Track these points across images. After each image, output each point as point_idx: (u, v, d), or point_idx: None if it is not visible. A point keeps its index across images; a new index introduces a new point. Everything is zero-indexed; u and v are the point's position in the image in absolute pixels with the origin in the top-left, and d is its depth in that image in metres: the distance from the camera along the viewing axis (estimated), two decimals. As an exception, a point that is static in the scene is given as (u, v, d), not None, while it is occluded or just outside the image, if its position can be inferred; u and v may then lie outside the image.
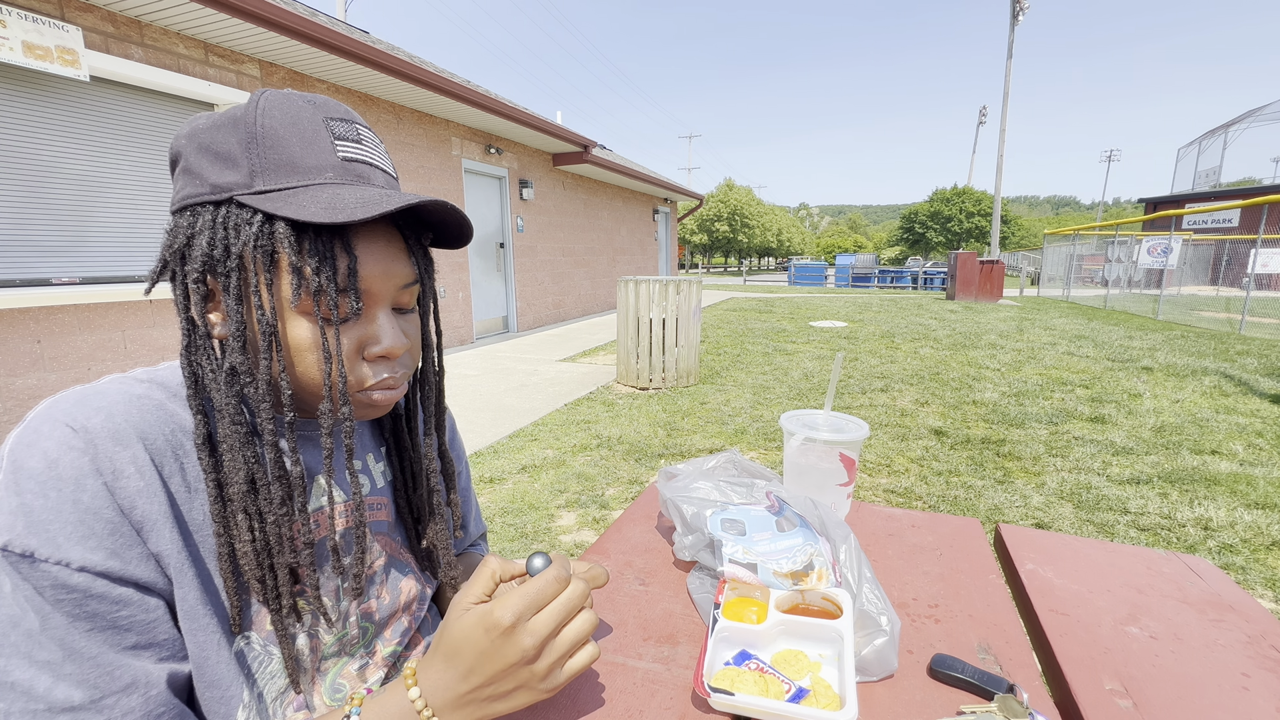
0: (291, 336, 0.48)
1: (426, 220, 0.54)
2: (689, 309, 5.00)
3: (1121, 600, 0.71)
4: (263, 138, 0.47)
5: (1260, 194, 21.18)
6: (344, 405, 0.50)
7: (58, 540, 0.39)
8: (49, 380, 3.56)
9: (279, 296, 0.47)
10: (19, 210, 3.49)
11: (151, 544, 0.44)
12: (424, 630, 0.67)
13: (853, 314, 11.09)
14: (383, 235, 0.51)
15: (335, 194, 0.46)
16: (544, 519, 2.66)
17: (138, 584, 0.43)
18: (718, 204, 50.91)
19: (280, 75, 4.92)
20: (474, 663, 0.44)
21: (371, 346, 0.51)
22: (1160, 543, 2.43)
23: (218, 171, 0.47)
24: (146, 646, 0.43)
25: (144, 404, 0.46)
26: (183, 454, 0.47)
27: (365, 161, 0.51)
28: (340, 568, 0.53)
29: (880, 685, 0.56)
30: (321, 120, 0.49)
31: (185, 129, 0.49)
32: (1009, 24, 18.69)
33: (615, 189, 11.94)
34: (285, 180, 0.47)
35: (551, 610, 0.45)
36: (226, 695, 0.48)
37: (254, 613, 0.50)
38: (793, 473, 0.90)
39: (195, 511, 0.47)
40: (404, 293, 0.53)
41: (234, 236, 0.46)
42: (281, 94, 0.49)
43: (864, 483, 3.07)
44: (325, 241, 0.46)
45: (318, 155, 0.48)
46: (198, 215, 0.47)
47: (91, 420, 0.42)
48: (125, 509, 0.42)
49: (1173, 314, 10.98)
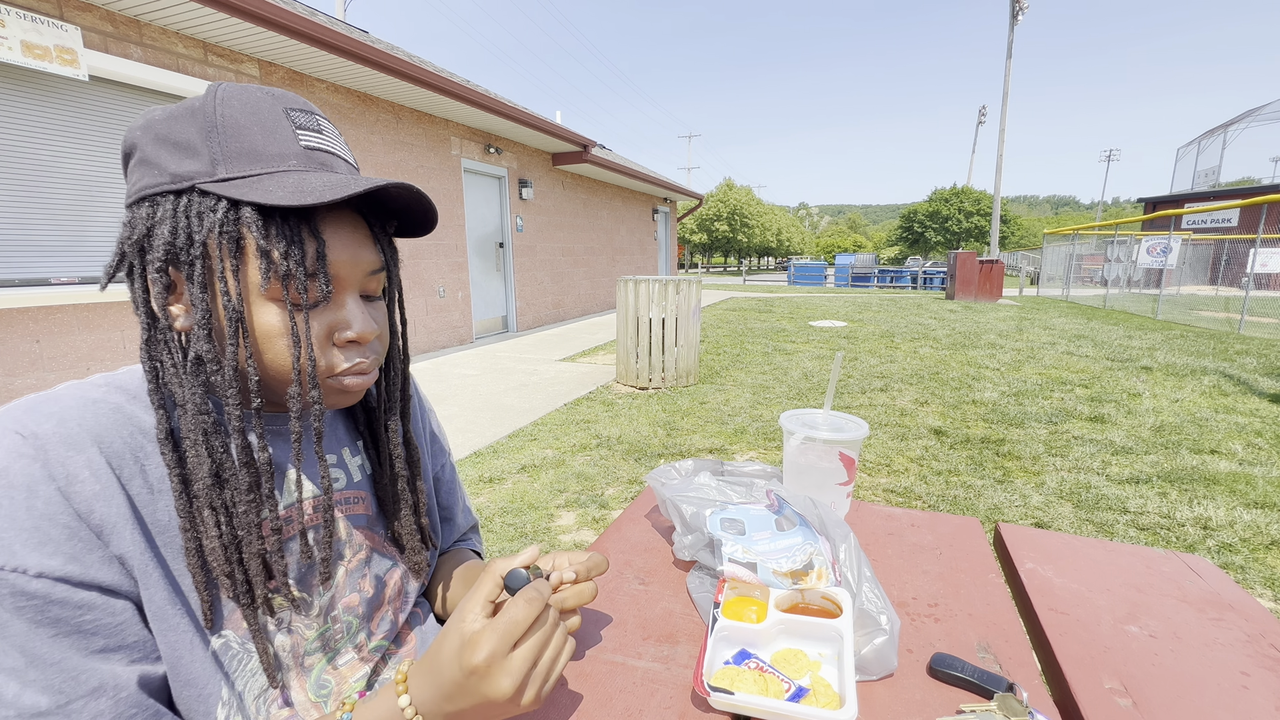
0: (259, 323, 0.48)
1: (390, 208, 0.55)
2: (689, 309, 5.00)
3: (1121, 599, 0.71)
4: (223, 127, 0.46)
5: (1259, 193, 21.18)
6: (313, 389, 0.49)
7: (13, 547, 0.39)
8: (48, 380, 3.56)
9: (245, 283, 0.47)
10: (18, 210, 3.48)
11: (113, 547, 0.43)
12: (412, 624, 0.67)
13: (852, 314, 11.09)
14: (349, 221, 0.51)
15: (301, 179, 0.47)
16: (543, 519, 2.66)
17: (101, 587, 0.42)
18: (717, 204, 50.90)
19: (279, 75, 4.91)
20: (452, 692, 0.44)
21: (342, 331, 0.51)
22: (1160, 542, 2.43)
23: (177, 161, 0.46)
24: (115, 649, 0.43)
25: (100, 408, 0.46)
26: (143, 456, 0.47)
27: (327, 150, 0.51)
28: (307, 550, 0.53)
29: (880, 684, 0.56)
30: (282, 110, 0.49)
31: (139, 122, 0.48)
32: (1008, 24, 18.70)
33: (615, 188, 11.94)
34: (248, 168, 0.46)
35: (529, 646, 0.45)
36: (204, 694, 0.47)
37: (229, 611, 0.50)
38: (792, 472, 0.90)
39: (159, 513, 0.47)
40: (371, 279, 0.53)
41: (197, 224, 0.45)
42: (239, 86, 0.49)
43: (863, 482, 3.07)
44: (293, 226, 0.46)
45: (280, 144, 0.48)
46: (157, 205, 0.47)
47: (42, 426, 0.42)
48: (82, 513, 0.42)
49: (1172, 314, 10.99)
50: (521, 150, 8.45)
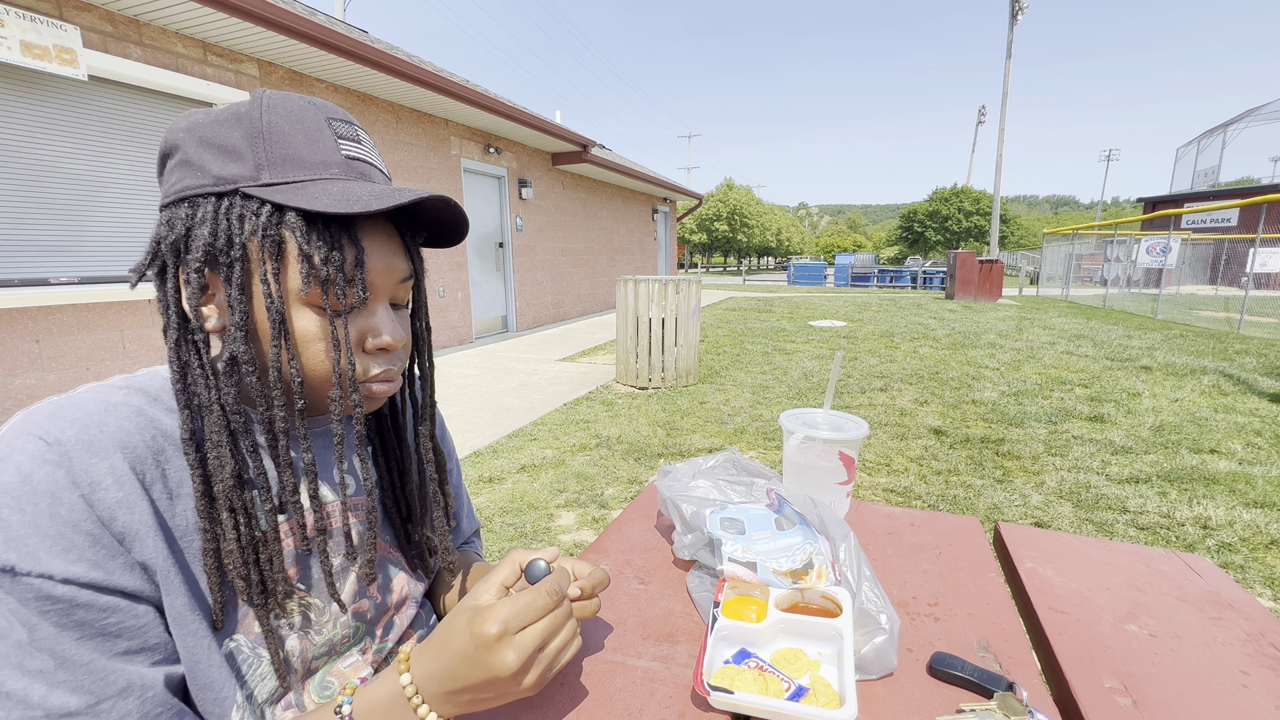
0: (298, 327, 0.48)
1: (422, 219, 0.56)
2: (688, 308, 5.00)
3: (1121, 598, 0.71)
4: (268, 133, 0.47)
5: (1259, 193, 21.18)
6: (353, 393, 0.50)
7: (38, 554, 0.39)
8: (47, 380, 3.56)
9: (285, 287, 0.48)
10: (17, 210, 3.48)
11: (136, 553, 0.43)
12: (416, 627, 0.67)
13: (852, 313, 11.09)
14: (384, 231, 0.52)
15: (345, 188, 0.48)
16: (543, 518, 2.66)
17: (124, 592, 0.42)
18: (717, 203, 50.89)
19: (279, 75, 4.91)
20: (458, 667, 0.44)
21: (372, 339, 0.52)
22: (1159, 541, 2.43)
23: (221, 164, 0.47)
24: (139, 651, 0.43)
25: (121, 412, 0.46)
26: (164, 459, 0.47)
27: (366, 161, 0.52)
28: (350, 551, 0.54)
29: (880, 683, 0.56)
30: (324, 120, 0.50)
31: (182, 123, 0.49)
32: (1008, 23, 18.70)
33: (614, 188, 11.93)
34: (292, 174, 0.47)
35: (540, 627, 0.46)
36: (220, 697, 0.48)
37: (241, 615, 0.50)
38: (792, 471, 0.90)
39: (178, 518, 0.47)
40: (400, 288, 0.55)
41: (238, 227, 0.46)
42: (283, 94, 0.50)
43: (863, 482, 3.07)
44: (334, 233, 0.47)
45: (322, 152, 0.49)
46: (198, 206, 0.47)
47: (65, 433, 0.42)
48: (105, 520, 0.42)
49: (1171, 313, 10.99)
50: (521, 150, 8.45)
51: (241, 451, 0.49)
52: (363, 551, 0.55)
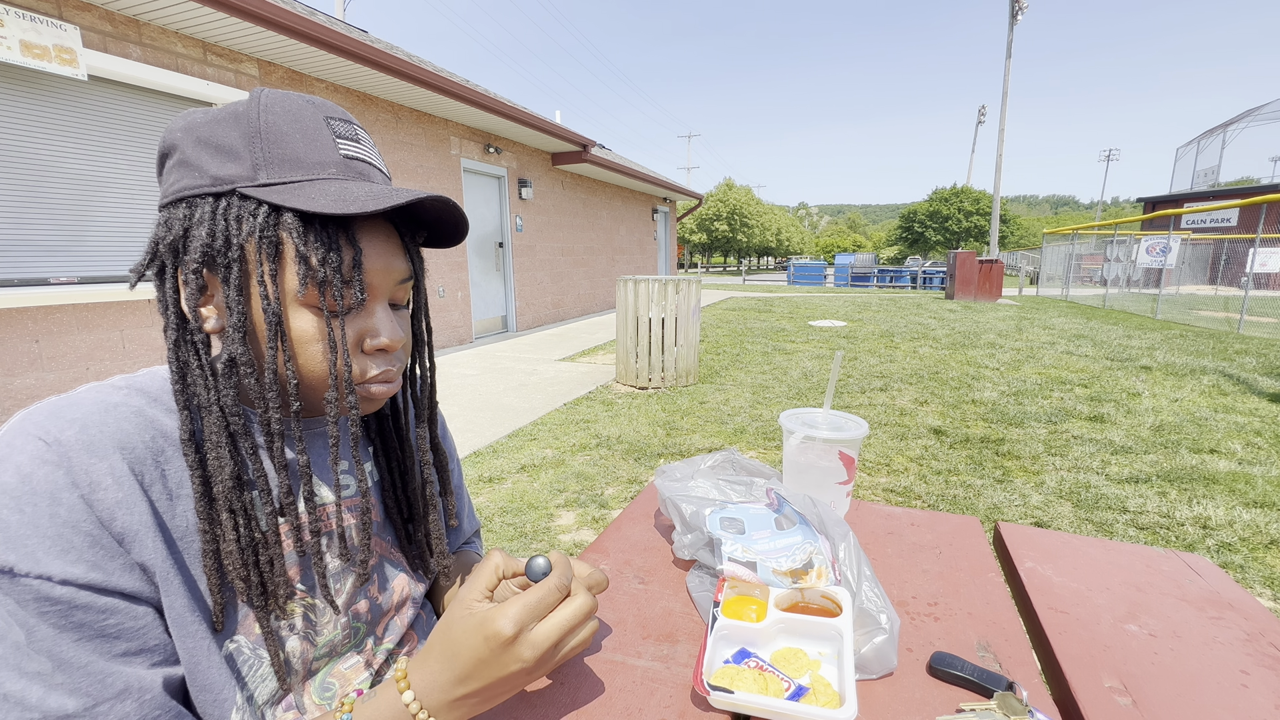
0: (295, 328, 0.48)
1: (422, 219, 0.55)
2: (688, 308, 5.00)
3: (1121, 598, 0.71)
4: (266, 133, 0.47)
5: (1258, 193, 21.20)
6: (350, 394, 0.50)
7: (36, 555, 0.39)
8: (47, 380, 3.56)
9: (282, 288, 0.47)
10: (17, 210, 3.48)
11: (135, 554, 0.43)
12: (417, 628, 0.67)
13: (852, 313, 11.09)
14: (383, 231, 0.52)
15: (342, 188, 0.47)
16: (543, 518, 2.66)
17: (123, 594, 0.42)
18: (717, 203, 50.88)
19: (279, 74, 4.91)
20: (472, 669, 0.45)
21: (371, 339, 0.52)
22: (1159, 541, 2.43)
23: (218, 164, 0.47)
24: (138, 653, 0.43)
25: (121, 412, 0.45)
26: (163, 460, 0.47)
27: (365, 160, 0.52)
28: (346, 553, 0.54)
29: (880, 683, 0.56)
30: (322, 119, 0.50)
31: (180, 123, 0.49)
32: (1008, 23, 18.71)
33: (614, 188, 11.93)
34: (289, 174, 0.47)
35: (553, 622, 0.46)
36: (220, 698, 0.48)
37: (241, 616, 0.50)
38: (792, 471, 0.90)
39: (178, 519, 0.47)
40: (399, 288, 0.54)
41: (235, 227, 0.46)
42: (281, 93, 0.50)
43: (863, 481, 3.07)
44: (331, 234, 0.47)
45: (320, 152, 0.49)
46: (195, 207, 0.47)
47: (65, 433, 0.42)
48: (104, 521, 0.42)
49: (1171, 313, 10.99)
50: (521, 150, 8.45)
51: (241, 452, 0.48)
52: (359, 553, 0.55)
